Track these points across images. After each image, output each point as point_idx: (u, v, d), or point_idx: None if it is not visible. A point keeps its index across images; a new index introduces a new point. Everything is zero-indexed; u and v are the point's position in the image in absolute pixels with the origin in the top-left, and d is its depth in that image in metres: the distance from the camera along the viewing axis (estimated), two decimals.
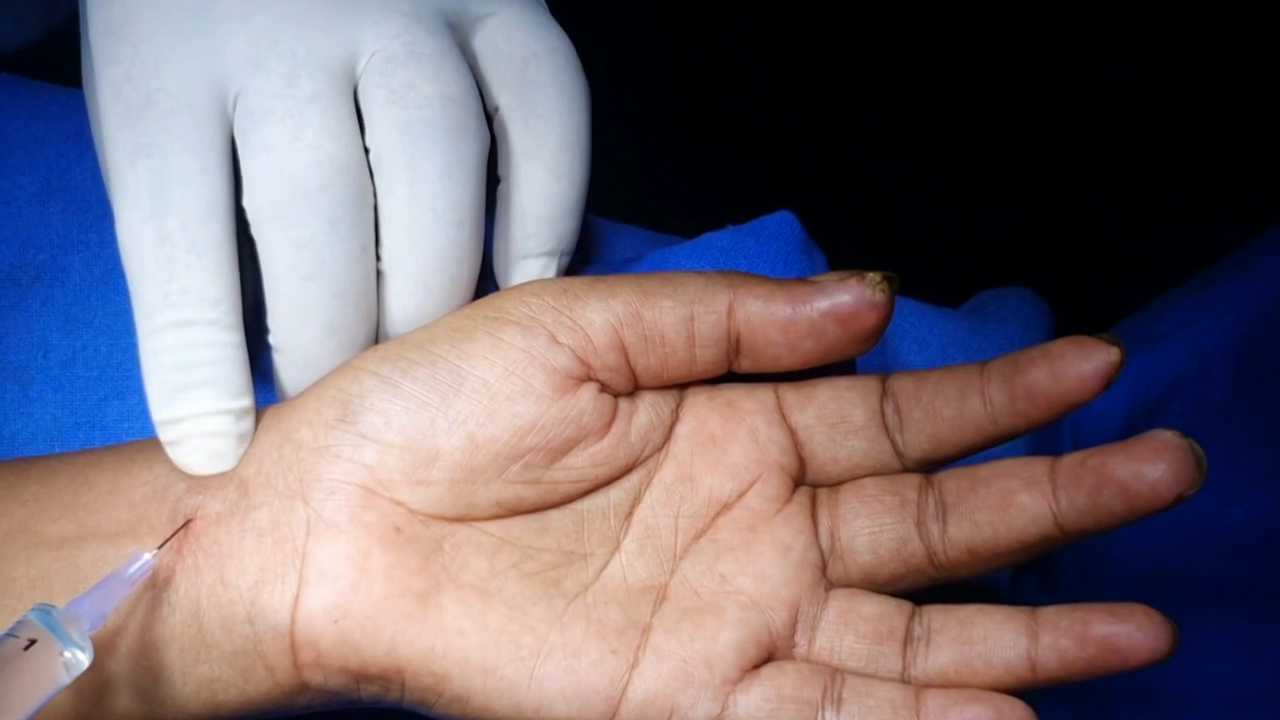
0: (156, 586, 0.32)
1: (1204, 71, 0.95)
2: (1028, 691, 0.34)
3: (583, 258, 0.44)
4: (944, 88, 0.96)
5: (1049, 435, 0.50)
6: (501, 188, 0.38)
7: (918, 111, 0.96)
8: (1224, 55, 0.93)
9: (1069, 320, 0.50)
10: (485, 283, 0.37)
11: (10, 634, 0.28)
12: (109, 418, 0.40)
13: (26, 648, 0.28)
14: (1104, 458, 0.33)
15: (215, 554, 0.32)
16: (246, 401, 0.34)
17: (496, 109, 0.37)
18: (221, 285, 0.33)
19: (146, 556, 0.31)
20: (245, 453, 0.34)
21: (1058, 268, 0.84)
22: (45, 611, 0.29)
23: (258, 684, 0.33)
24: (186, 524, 0.33)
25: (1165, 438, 0.33)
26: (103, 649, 0.32)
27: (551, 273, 0.38)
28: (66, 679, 0.29)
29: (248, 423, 0.34)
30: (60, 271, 0.41)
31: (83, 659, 0.29)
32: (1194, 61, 0.94)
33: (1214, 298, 0.54)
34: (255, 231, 0.34)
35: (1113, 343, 0.33)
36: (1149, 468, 0.33)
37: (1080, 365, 0.33)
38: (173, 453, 0.33)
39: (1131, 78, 0.96)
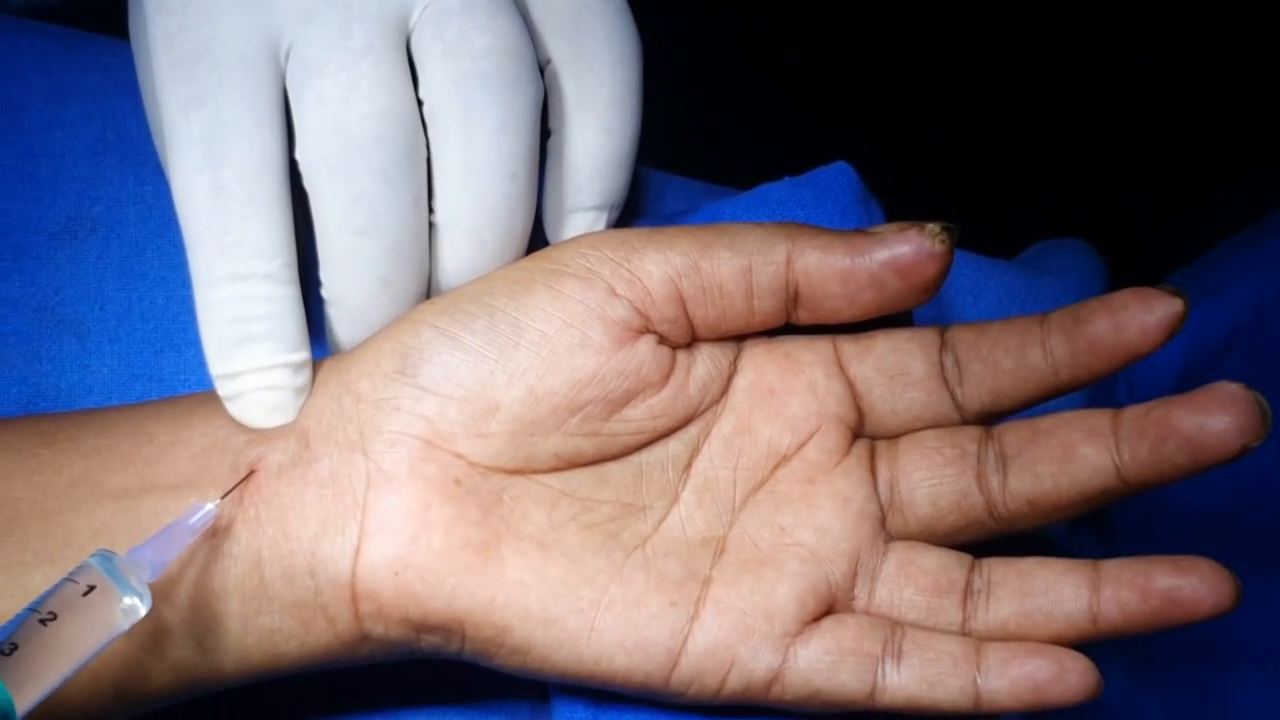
0: (218, 537, 0.32)
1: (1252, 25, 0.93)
2: (1082, 645, 0.34)
3: (636, 210, 0.44)
4: (1000, 43, 0.95)
5: (1105, 388, 0.50)
6: (553, 140, 0.37)
7: (972, 66, 0.95)
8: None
9: (1122, 271, 0.50)
10: (535, 235, 0.37)
11: (69, 579, 0.29)
12: (165, 370, 0.40)
13: (86, 593, 0.28)
14: (1168, 409, 0.33)
15: (276, 506, 0.33)
16: (304, 354, 0.34)
17: (548, 61, 0.37)
18: (277, 238, 0.33)
19: (209, 506, 0.31)
20: (305, 405, 0.34)
21: (1110, 218, 0.83)
22: (106, 558, 0.29)
23: (319, 635, 0.33)
24: (249, 475, 0.33)
25: (1230, 389, 0.32)
26: (165, 599, 0.32)
27: (601, 226, 0.38)
28: (125, 625, 0.29)
29: (305, 375, 0.34)
30: (116, 224, 0.41)
31: (140, 607, 0.29)
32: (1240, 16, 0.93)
33: (1270, 248, 0.54)
34: (308, 184, 0.33)
35: (1175, 294, 0.33)
36: (1213, 420, 0.32)
37: (1143, 316, 0.33)
38: (231, 407, 0.34)
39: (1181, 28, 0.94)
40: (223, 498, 0.32)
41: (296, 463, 0.33)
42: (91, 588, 0.29)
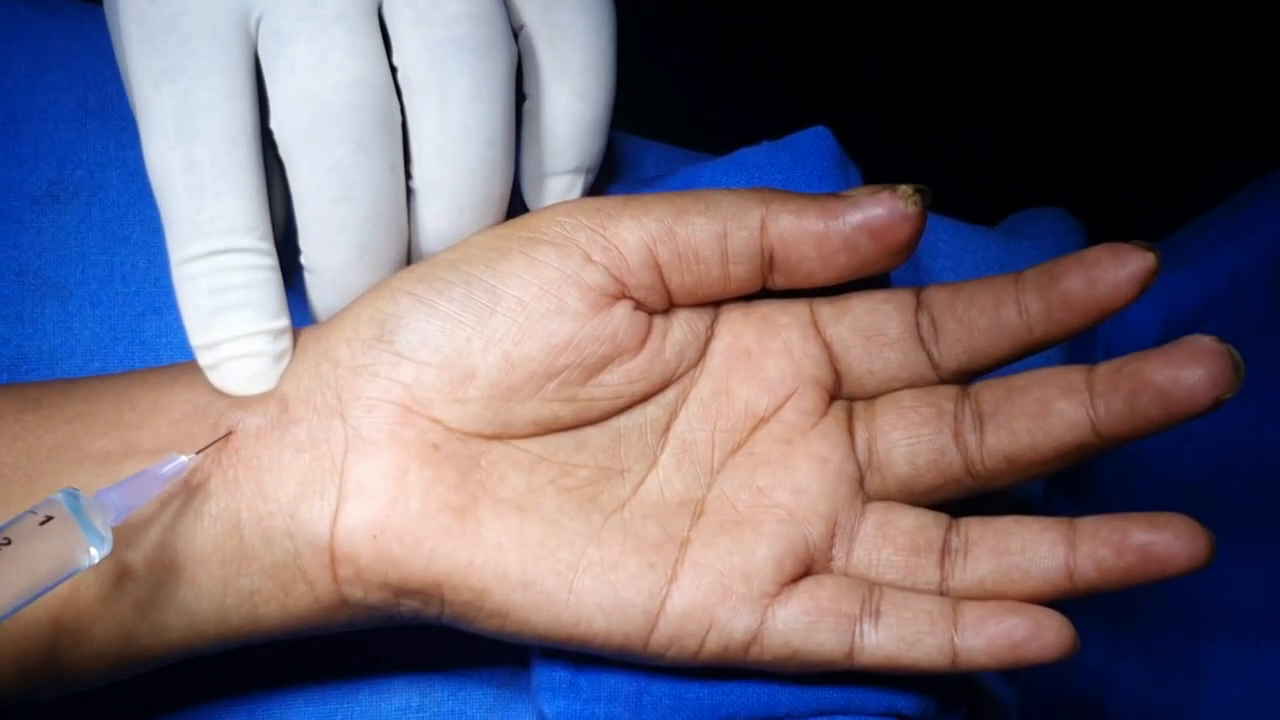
0: (195, 499, 0.32)
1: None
2: (1061, 605, 0.34)
3: (615, 174, 0.44)
4: (987, 14, 0.95)
5: (1082, 353, 0.50)
6: (527, 105, 0.37)
7: (955, 36, 0.95)
8: None
9: (1102, 241, 0.50)
10: (513, 198, 0.37)
11: (31, 510, 0.29)
12: (147, 333, 0.40)
13: (43, 522, 0.29)
14: (1141, 363, 0.33)
15: (254, 467, 0.33)
16: (283, 321, 0.34)
17: (522, 26, 0.37)
18: (252, 212, 0.33)
19: (182, 459, 0.32)
20: (285, 371, 0.34)
21: (1091, 190, 0.83)
22: (72, 495, 0.30)
23: (298, 598, 0.33)
24: (227, 435, 0.33)
25: (1203, 342, 0.33)
26: (146, 566, 0.32)
27: (578, 190, 0.38)
28: (84, 563, 0.29)
29: (285, 342, 0.34)
30: (98, 188, 0.41)
31: (101, 549, 0.30)
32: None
33: (1249, 218, 0.54)
34: (283, 154, 0.33)
35: (1147, 248, 0.33)
36: (1186, 372, 0.32)
37: (1116, 271, 0.33)
38: (212, 376, 0.34)
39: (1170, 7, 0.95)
40: (198, 453, 0.32)
41: (275, 426, 0.33)
42: (49, 518, 0.29)
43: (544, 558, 0.33)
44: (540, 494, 0.34)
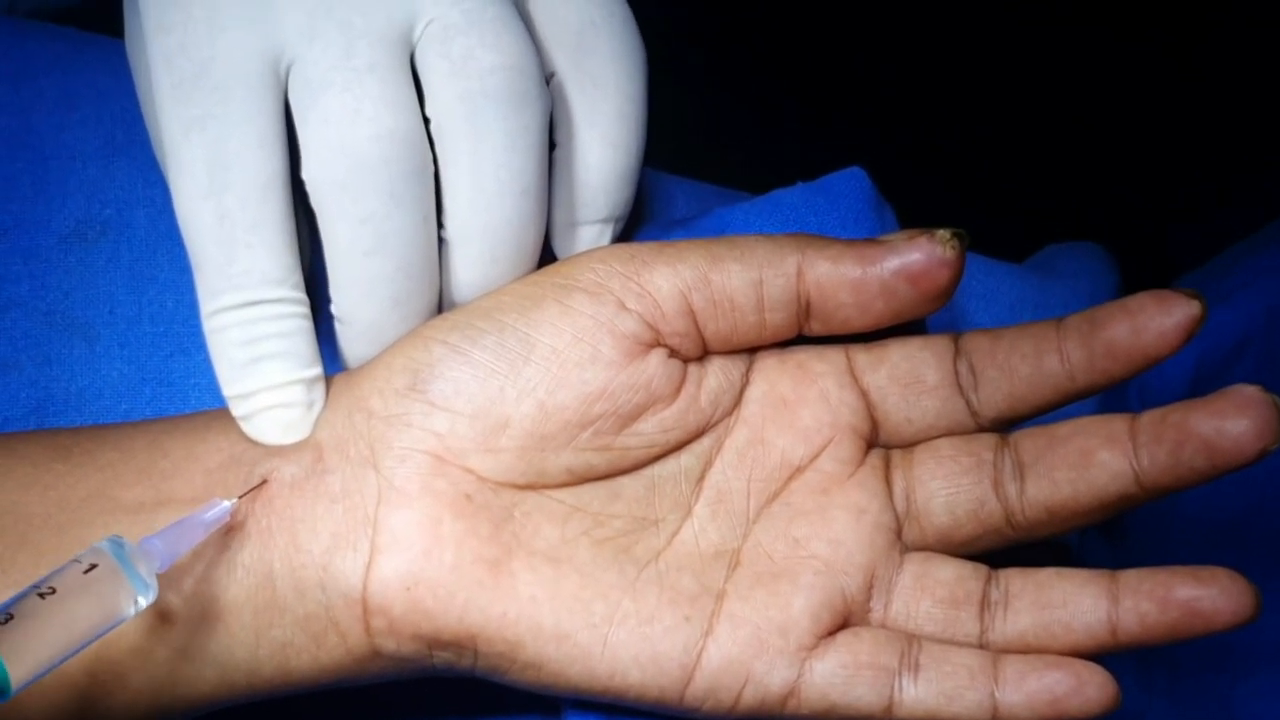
0: (229, 550, 0.32)
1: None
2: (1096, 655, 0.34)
3: (647, 215, 0.43)
4: (1012, 42, 0.94)
5: (1116, 394, 0.49)
6: (558, 153, 0.37)
7: (980, 69, 0.95)
8: None
9: (1133, 275, 0.49)
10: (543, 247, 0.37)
11: (75, 559, 0.29)
12: (175, 374, 0.40)
13: (87, 570, 0.29)
14: (1185, 414, 0.33)
15: (288, 518, 0.33)
16: (316, 370, 0.34)
17: (552, 74, 0.37)
18: (284, 264, 0.33)
19: (225, 504, 0.32)
20: (318, 420, 0.34)
21: (1117, 217, 0.83)
22: (117, 544, 0.29)
23: (330, 650, 0.33)
24: (262, 483, 0.33)
25: (1247, 392, 0.32)
26: (180, 616, 0.32)
27: (606, 239, 0.38)
28: (130, 612, 0.29)
29: (319, 391, 0.34)
30: (126, 227, 0.41)
31: (147, 597, 0.29)
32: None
33: None
34: (315, 205, 0.33)
35: (1193, 296, 0.33)
36: (1232, 423, 0.32)
37: (1161, 320, 0.33)
38: (246, 426, 0.33)
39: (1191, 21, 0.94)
40: (240, 498, 0.32)
41: (309, 476, 0.33)
42: (94, 566, 0.29)
43: (578, 610, 0.33)
44: (574, 545, 0.34)
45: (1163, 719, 0.51)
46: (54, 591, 0.28)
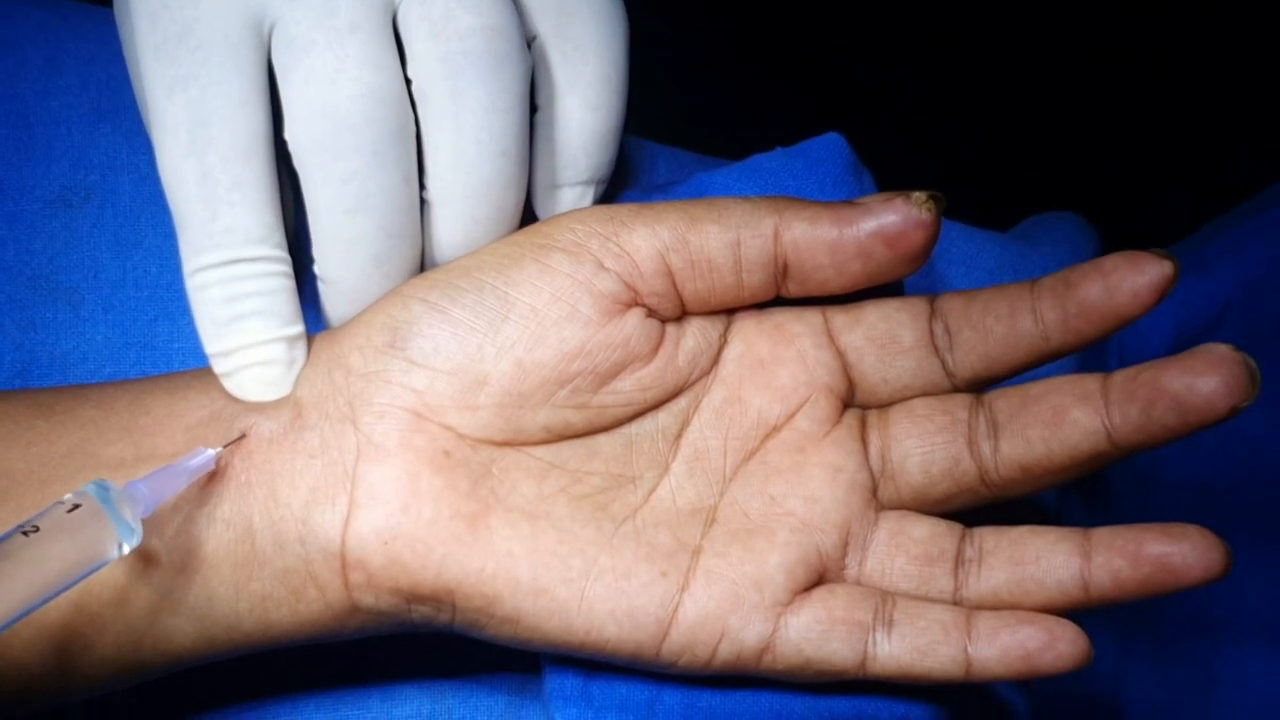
0: (208, 503, 0.32)
1: None
2: (1073, 615, 0.34)
3: (627, 179, 0.44)
4: (996, 22, 0.94)
5: (1096, 359, 0.50)
6: (539, 116, 0.37)
7: (965, 37, 0.95)
8: None
9: (1116, 246, 0.49)
10: (524, 208, 0.37)
11: (59, 501, 0.29)
12: (159, 338, 0.40)
13: (70, 510, 0.29)
14: (1157, 371, 0.33)
15: (267, 472, 0.33)
16: (298, 328, 0.34)
17: (534, 37, 0.37)
18: (265, 222, 0.33)
19: (209, 452, 0.32)
20: (298, 377, 0.34)
21: (1104, 193, 0.83)
22: (103, 487, 0.30)
23: (309, 604, 0.33)
24: (241, 436, 0.33)
25: (1219, 350, 0.33)
26: (160, 566, 0.32)
27: (588, 201, 0.38)
28: (114, 554, 0.29)
29: (300, 349, 0.34)
30: (110, 193, 0.41)
31: (130, 541, 0.30)
32: None
33: (1264, 222, 0.54)
34: (298, 165, 0.33)
35: (1165, 256, 0.33)
36: (1202, 380, 0.32)
37: (1134, 279, 0.33)
38: (227, 383, 0.34)
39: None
40: (225, 447, 0.33)
41: (288, 432, 0.33)
42: (77, 505, 0.29)
43: (555, 565, 0.33)
44: (552, 501, 0.34)
45: (1144, 682, 0.51)
46: (37, 530, 0.28)
